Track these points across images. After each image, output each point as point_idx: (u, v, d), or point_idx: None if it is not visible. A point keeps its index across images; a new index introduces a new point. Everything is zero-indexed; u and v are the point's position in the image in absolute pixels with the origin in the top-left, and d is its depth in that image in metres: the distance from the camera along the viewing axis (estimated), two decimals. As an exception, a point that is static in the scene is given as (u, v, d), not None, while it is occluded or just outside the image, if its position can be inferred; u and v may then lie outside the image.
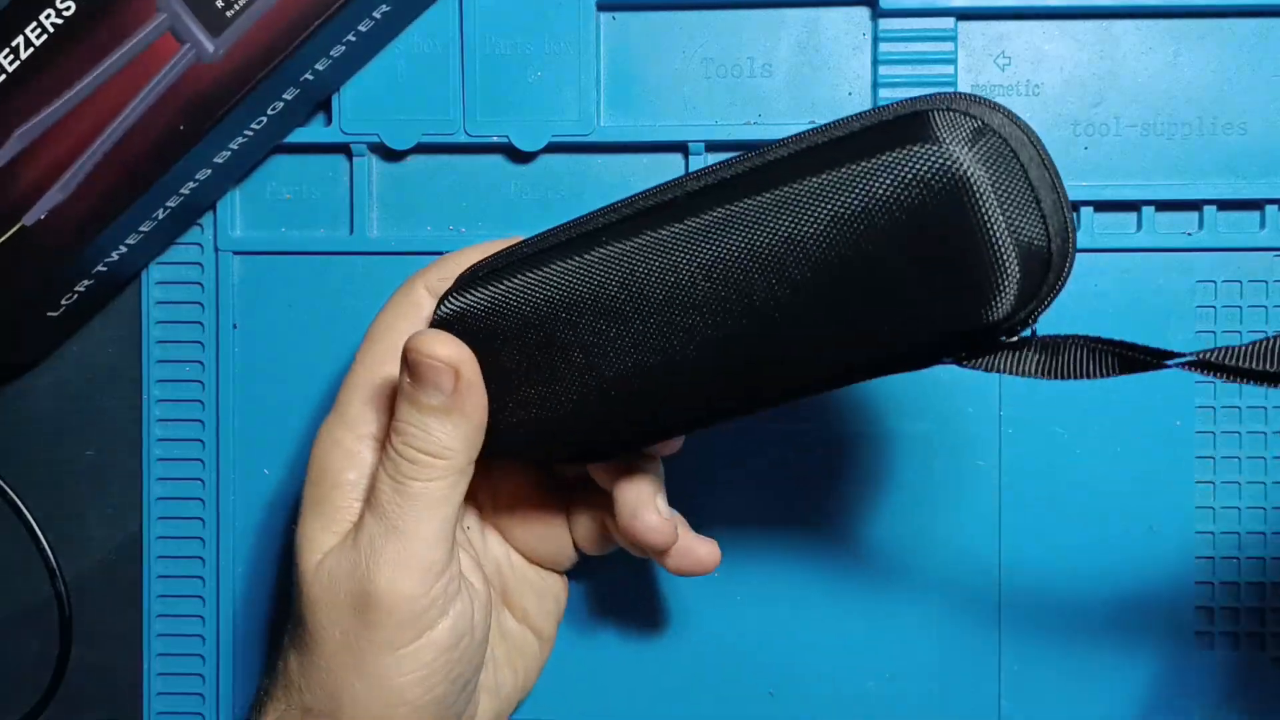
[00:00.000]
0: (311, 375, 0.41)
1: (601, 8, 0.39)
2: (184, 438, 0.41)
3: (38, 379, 0.42)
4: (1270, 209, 0.39)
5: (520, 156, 0.40)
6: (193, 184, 0.38)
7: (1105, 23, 0.39)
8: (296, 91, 0.38)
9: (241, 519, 0.41)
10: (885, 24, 0.39)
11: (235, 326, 0.41)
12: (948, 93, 0.28)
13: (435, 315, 0.32)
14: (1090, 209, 0.39)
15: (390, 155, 0.40)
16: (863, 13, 0.39)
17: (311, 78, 0.38)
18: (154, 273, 0.41)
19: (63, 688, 0.42)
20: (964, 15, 0.39)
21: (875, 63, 0.39)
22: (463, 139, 0.40)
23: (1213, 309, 0.39)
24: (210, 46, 0.35)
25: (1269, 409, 0.39)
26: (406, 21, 0.39)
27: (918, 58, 0.39)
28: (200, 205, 0.40)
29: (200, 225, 0.41)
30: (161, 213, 0.38)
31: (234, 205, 0.41)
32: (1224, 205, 0.39)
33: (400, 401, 0.31)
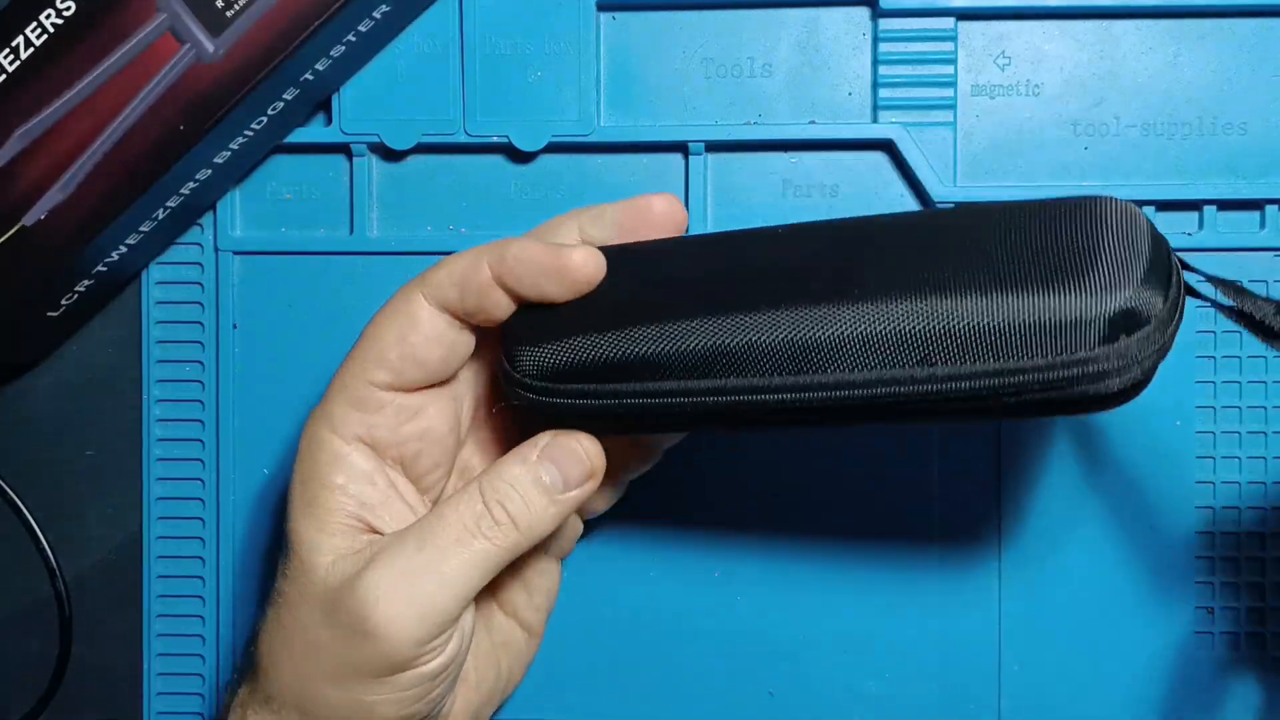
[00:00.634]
0: (311, 375, 0.40)
1: (601, 8, 0.39)
2: (184, 438, 0.41)
3: (38, 379, 0.42)
4: (1270, 209, 0.39)
5: (520, 156, 0.40)
6: (193, 184, 0.38)
7: (1105, 23, 0.39)
8: (296, 91, 0.38)
9: (241, 519, 0.41)
10: (885, 24, 0.39)
11: (235, 326, 0.41)
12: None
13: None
14: (1090, 209, 0.39)
15: (390, 155, 0.40)
16: (863, 13, 0.39)
17: (311, 78, 0.38)
18: (154, 273, 0.41)
19: (63, 688, 0.42)
20: (964, 15, 0.39)
21: (875, 63, 0.39)
22: (463, 139, 0.40)
23: (1213, 309, 0.39)
24: (210, 46, 0.35)
25: (1269, 409, 0.39)
26: (406, 21, 0.39)
27: (918, 58, 0.39)
28: (200, 205, 0.40)
29: (200, 225, 0.41)
30: (161, 213, 0.38)
31: (234, 205, 0.41)
32: (1224, 205, 0.39)
33: (516, 463, 0.31)
